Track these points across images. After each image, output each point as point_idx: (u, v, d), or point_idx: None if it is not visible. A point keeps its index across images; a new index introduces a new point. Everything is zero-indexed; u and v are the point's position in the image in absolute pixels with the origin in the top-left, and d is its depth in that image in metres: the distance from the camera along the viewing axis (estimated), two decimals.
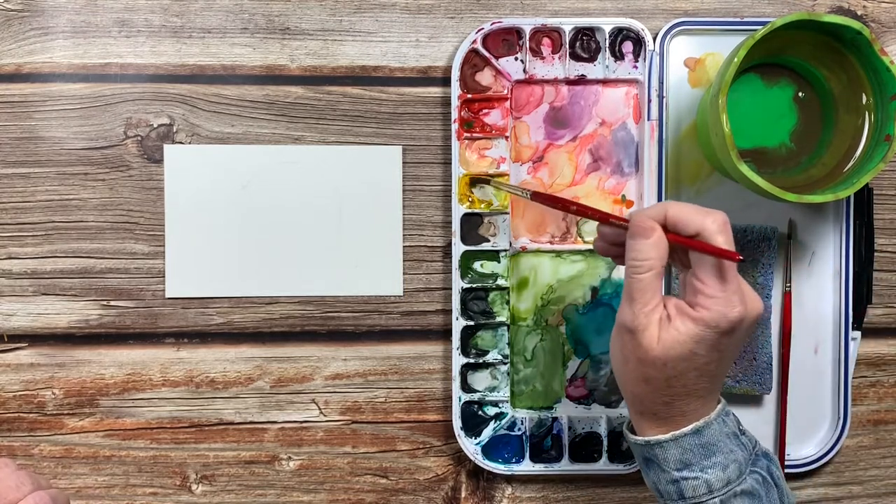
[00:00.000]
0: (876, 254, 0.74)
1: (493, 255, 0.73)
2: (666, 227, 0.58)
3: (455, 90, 0.72)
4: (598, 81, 0.73)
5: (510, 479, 0.75)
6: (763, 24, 0.66)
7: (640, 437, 0.60)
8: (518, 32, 0.72)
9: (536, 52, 0.73)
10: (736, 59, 0.63)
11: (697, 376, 0.57)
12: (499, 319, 0.73)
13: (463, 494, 0.75)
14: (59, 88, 0.72)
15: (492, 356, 0.73)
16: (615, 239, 0.61)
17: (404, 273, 0.74)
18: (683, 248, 0.58)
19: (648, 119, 0.72)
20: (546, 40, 0.73)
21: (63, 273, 0.73)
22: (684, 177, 0.74)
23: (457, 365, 0.73)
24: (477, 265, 0.73)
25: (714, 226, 0.56)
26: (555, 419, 0.74)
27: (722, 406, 0.60)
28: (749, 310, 0.57)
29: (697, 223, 0.57)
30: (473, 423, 0.73)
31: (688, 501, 0.59)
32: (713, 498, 0.58)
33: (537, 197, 0.66)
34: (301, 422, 0.74)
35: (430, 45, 0.73)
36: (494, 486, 0.75)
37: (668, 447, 0.59)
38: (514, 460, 0.74)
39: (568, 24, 0.72)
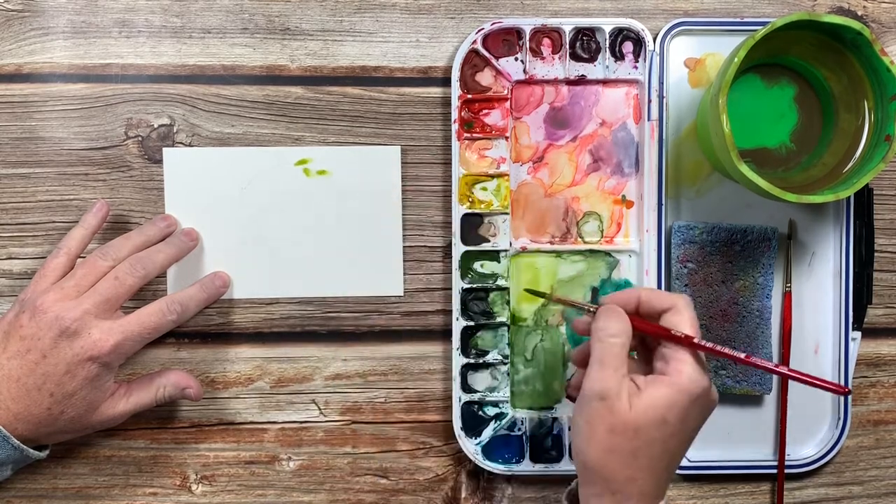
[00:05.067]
0: (876, 254, 0.74)
1: (494, 256, 0.73)
2: (638, 310, 0.61)
3: (455, 90, 0.72)
4: (598, 82, 0.73)
5: (510, 480, 0.75)
6: (763, 24, 0.66)
7: None
8: (518, 32, 0.72)
9: (536, 53, 0.73)
10: (736, 60, 0.63)
11: (662, 451, 0.58)
12: (499, 320, 0.73)
13: (463, 495, 0.75)
14: (59, 89, 0.72)
15: (492, 356, 0.73)
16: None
17: (404, 273, 0.74)
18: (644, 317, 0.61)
19: (648, 119, 0.72)
20: (546, 40, 0.73)
21: None
22: (684, 177, 0.74)
23: (457, 365, 0.73)
24: (477, 265, 0.73)
25: (683, 301, 0.60)
26: (555, 419, 0.74)
27: (665, 501, 0.60)
28: (713, 388, 0.60)
29: (669, 300, 0.60)
30: (473, 423, 0.73)
31: None
32: None
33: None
34: (301, 422, 0.74)
35: (430, 46, 0.73)
36: (495, 487, 0.75)
37: None
38: (514, 460, 0.74)
39: (568, 25, 0.72)
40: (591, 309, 0.63)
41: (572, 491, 0.63)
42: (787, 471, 0.74)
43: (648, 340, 0.62)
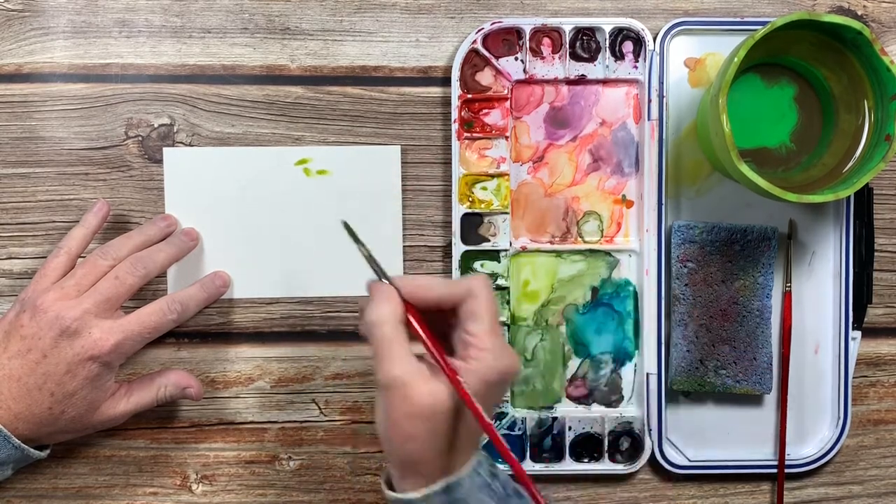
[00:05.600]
0: (876, 254, 0.74)
1: (494, 255, 0.73)
2: (441, 307, 0.58)
3: (455, 90, 0.72)
4: (598, 81, 0.73)
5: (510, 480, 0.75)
6: (763, 24, 0.66)
7: (393, 494, 0.58)
8: (518, 32, 0.72)
9: (536, 52, 0.73)
10: (736, 59, 0.63)
11: (463, 427, 0.57)
12: (499, 320, 0.73)
13: None
14: (59, 88, 0.72)
15: None
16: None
17: (404, 273, 0.74)
18: (451, 309, 0.58)
19: (648, 119, 0.72)
20: (546, 40, 0.73)
21: None
22: (684, 177, 0.74)
23: None
24: (477, 265, 0.73)
25: (479, 283, 0.57)
26: (555, 419, 0.74)
27: (474, 459, 0.59)
28: (514, 363, 0.58)
29: (464, 286, 0.57)
30: None
31: None
32: None
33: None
34: (301, 422, 0.74)
35: (430, 45, 0.73)
36: None
37: None
38: None
39: (568, 24, 0.72)
40: (382, 279, 0.59)
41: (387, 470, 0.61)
42: (787, 471, 0.74)
43: (448, 314, 0.59)
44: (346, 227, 0.63)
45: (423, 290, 0.58)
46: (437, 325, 0.59)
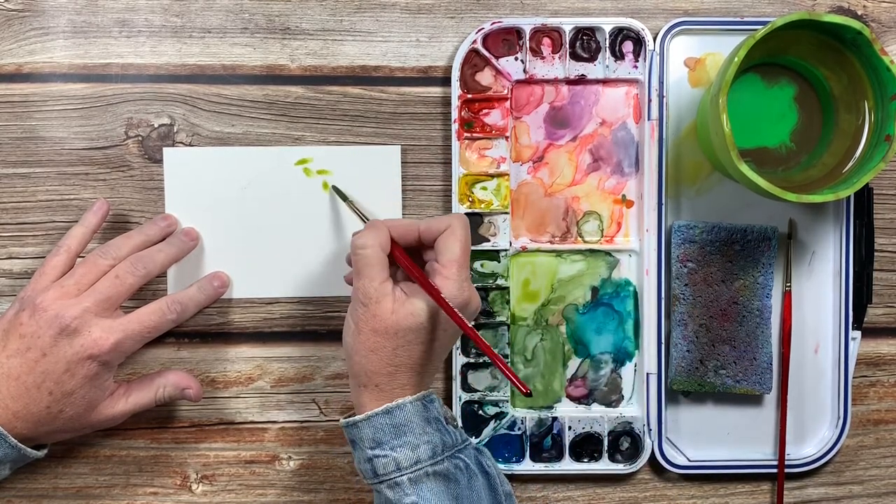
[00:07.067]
0: (876, 254, 0.74)
1: (494, 255, 0.73)
2: (420, 239, 0.65)
3: (455, 90, 0.72)
4: (598, 81, 0.73)
5: (510, 479, 0.75)
6: (763, 24, 0.66)
7: (342, 420, 0.65)
8: (518, 32, 0.72)
9: (536, 52, 0.73)
10: (736, 59, 0.63)
11: (422, 351, 0.63)
12: (499, 319, 0.73)
13: None
14: (59, 88, 0.72)
15: None
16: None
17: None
18: (428, 246, 0.66)
19: (648, 119, 0.72)
20: (546, 40, 0.73)
21: None
22: (684, 177, 0.74)
23: (457, 364, 0.73)
24: (477, 265, 0.73)
25: (458, 221, 0.64)
26: (555, 419, 0.74)
27: (425, 392, 0.64)
28: (473, 298, 0.64)
29: (445, 221, 0.64)
30: (474, 422, 0.73)
31: (380, 478, 0.63)
32: (402, 475, 0.62)
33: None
34: (301, 421, 0.74)
35: (430, 45, 0.73)
36: None
37: (362, 427, 0.63)
38: (514, 460, 0.74)
39: (568, 24, 0.72)
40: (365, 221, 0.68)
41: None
42: (787, 470, 0.74)
43: (424, 254, 0.67)
44: (336, 190, 0.71)
45: (408, 228, 0.65)
46: (416, 261, 0.66)
